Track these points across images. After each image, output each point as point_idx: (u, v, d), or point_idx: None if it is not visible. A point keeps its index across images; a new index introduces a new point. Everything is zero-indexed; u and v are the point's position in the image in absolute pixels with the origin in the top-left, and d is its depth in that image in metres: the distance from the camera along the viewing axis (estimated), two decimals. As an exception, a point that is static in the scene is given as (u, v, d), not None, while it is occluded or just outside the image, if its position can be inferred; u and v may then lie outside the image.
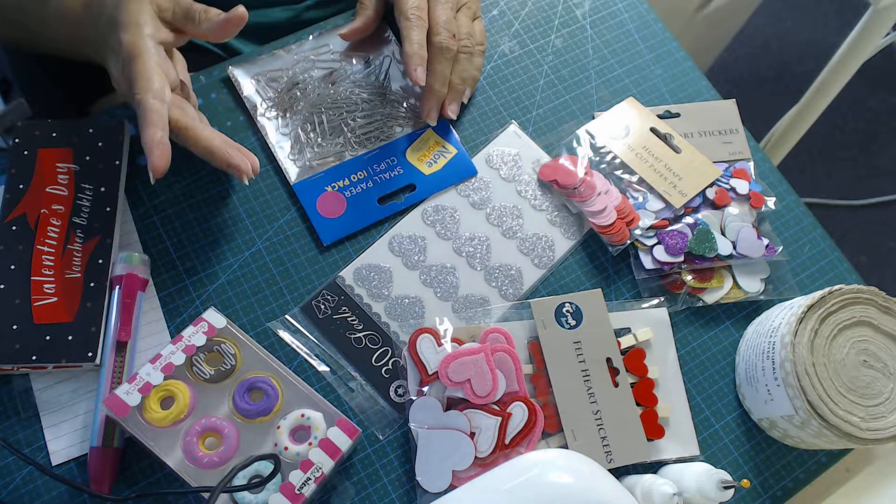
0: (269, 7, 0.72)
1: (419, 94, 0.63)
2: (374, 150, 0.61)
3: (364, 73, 0.64)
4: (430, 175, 0.61)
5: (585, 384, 0.55)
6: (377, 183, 0.60)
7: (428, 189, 0.61)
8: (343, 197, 0.59)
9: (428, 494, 0.51)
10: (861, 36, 0.97)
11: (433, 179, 0.61)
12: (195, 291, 0.56)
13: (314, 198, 0.59)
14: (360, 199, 0.59)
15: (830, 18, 1.90)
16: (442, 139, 0.63)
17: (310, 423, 0.50)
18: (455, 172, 0.62)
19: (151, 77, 0.49)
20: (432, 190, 0.61)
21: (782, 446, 0.58)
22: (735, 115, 0.68)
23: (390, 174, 0.61)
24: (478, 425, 0.52)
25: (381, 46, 0.66)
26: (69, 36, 0.56)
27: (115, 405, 0.49)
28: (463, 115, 0.65)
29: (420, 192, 0.60)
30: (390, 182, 0.60)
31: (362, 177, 0.60)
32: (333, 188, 0.59)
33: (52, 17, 0.56)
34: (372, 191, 0.60)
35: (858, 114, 1.80)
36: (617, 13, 0.72)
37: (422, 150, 0.62)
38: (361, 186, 0.60)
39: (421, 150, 0.62)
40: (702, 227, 0.60)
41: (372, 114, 0.62)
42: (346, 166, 0.60)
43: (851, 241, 1.65)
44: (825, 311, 0.53)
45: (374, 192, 0.60)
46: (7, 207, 0.54)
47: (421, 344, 0.54)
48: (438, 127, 0.63)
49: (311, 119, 0.61)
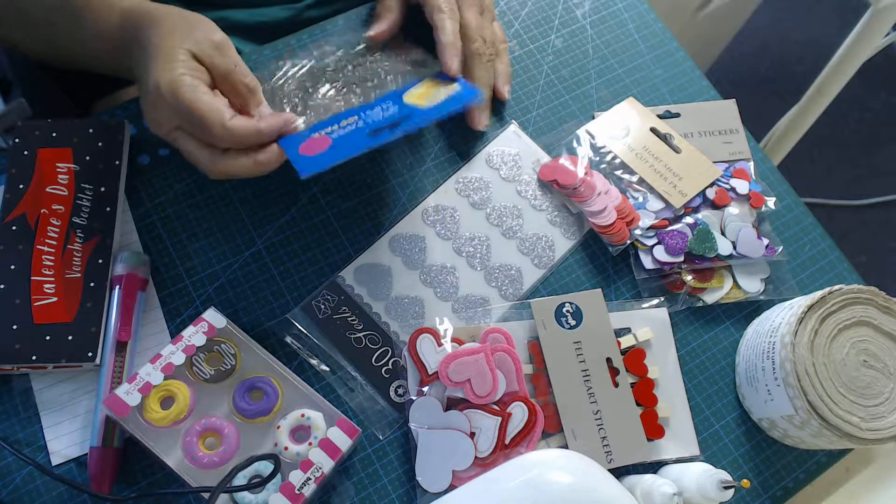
0: (269, 6, 0.72)
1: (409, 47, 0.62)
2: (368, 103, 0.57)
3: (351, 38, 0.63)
4: (431, 107, 0.55)
5: (585, 384, 0.55)
6: (368, 123, 0.54)
7: (426, 117, 0.54)
8: (329, 138, 0.52)
9: (428, 494, 0.51)
10: (861, 36, 0.97)
11: (433, 109, 0.55)
12: (195, 291, 0.56)
13: (297, 144, 0.52)
14: (347, 136, 0.53)
15: (830, 18, 1.90)
16: (442, 80, 0.58)
17: (310, 423, 0.50)
18: (458, 99, 0.56)
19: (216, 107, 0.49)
20: (431, 117, 0.54)
21: (782, 446, 0.58)
22: (735, 115, 0.68)
23: (384, 114, 0.54)
24: (478, 425, 0.52)
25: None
26: (106, 57, 0.56)
27: (115, 405, 0.49)
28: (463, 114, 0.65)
29: (415, 120, 0.53)
30: (383, 120, 0.54)
31: (353, 121, 0.54)
32: (320, 134, 0.53)
33: (87, 37, 0.55)
34: (362, 129, 0.53)
35: (858, 114, 1.80)
36: (617, 13, 0.72)
37: (420, 90, 0.57)
38: (350, 128, 0.53)
39: (419, 91, 0.57)
40: (702, 227, 0.60)
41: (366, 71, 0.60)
42: (338, 116, 0.55)
43: (851, 241, 1.65)
44: (825, 311, 0.53)
45: (364, 129, 0.53)
46: (7, 207, 0.54)
47: (421, 344, 0.54)
48: (437, 74, 0.59)
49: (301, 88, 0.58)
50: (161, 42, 0.50)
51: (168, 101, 0.48)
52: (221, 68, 0.51)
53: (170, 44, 0.50)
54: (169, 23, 0.51)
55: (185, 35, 0.50)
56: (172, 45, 0.50)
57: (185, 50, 0.50)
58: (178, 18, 0.52)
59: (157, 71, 0.49)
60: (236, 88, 0.52)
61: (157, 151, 0.60)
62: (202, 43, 0.51)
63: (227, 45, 0.52)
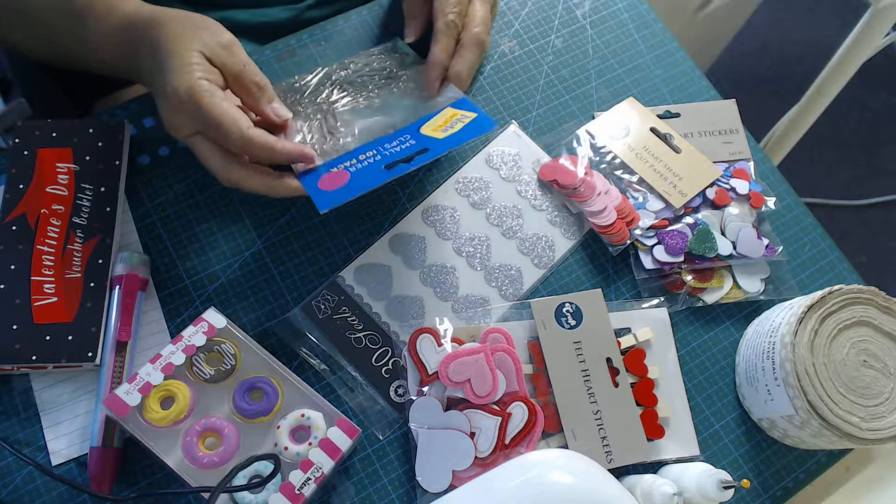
0: (271, 6, 0.72)
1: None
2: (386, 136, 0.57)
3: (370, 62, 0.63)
4: (446, 138, 0.55)
5: (585, 384, 0.55)
6: (385, 156, 0.54)
7: (441, 148, 0.54)
8: (348, 172, 0.53)
9: (428, 494, 0.51)
10: (861, 36, 0.97)
11: (448, 140, 0.55)
12: (195, 291, 0.56)
13: (316, 179, 0.53)
14: (364, 170, 0.53)
15: (830, 18, 1.90)
16: (460, 110, 0.58)
17: (310, 423, 0.50)
18: (473, 129, 0.56)
19: (233, 115, 0.49)
20: (447, 147, 0.54)
21: (782, 446, 0.58)
22: (735, 115, 0.68)
23: (401, 147, 0.55)
24: (478, 425, 0.52)
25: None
26: (109, 58, 0.56)
27: (115, 405, 0.49)
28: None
29: (433, 152, 0.54)
30: (400, 153, 0.54)
31: (371, 155, 0.55)
32: (339, 168, 0.54)
33: (90, 39, 0.55)
34: (379, 162, 0.54)
35: (858, 114, 1.80)
36: (617, 13, 0.72)
37: (438, 123, 0.57)
38: (368, 161, 0.54)
39: (437, 123, 0.57)
40: (702, 227, 0.60)
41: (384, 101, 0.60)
42: (356, 150, 0.56)
43: (851, 241, 1.65)
44: (825, 311, 0.53)
45: (381, 163, 0.54)
46: (7, 207, 0.54)
47: (421, 344, 0.54)
48: (457, 103, 0.60)
49: (318, 115, 0.60)
50: (173, 45, 0.50)
51: (187, 107, 0.49)
52: (232, 68, 0.51)
53: (182, 47, 0.50)
54: (176, 25, 0.51)
55: (195, 37, 0.51)
56: (185, 48, 0.50)
57: (197, 52, 0.50)
58: (185, 21, 0.52)
59: (173, 75, 0.49)
60: (248, 88, 0.52)
61: (157, 151, 0.60)
62: (212, 44, 0.51)
63: (235, 45, 0.52)
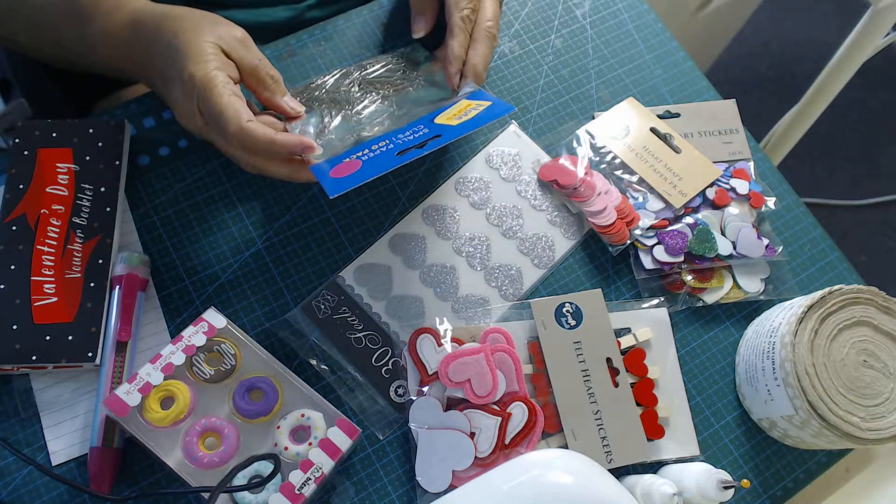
0: (271, 6, 0.72)
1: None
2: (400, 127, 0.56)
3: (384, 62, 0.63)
4: (460, 123, 0.53)
5: (585, 384, 0.55)
6: (398, 145, 0.53)
7: (456, 133, 0.52)
8: (360, 161, 0.52)
9: (428, 494, 0.51)
10: (861, 36, 0.97)
11: (463, 125, 0.53)
12: (195, 291, 0.56)
13: (329, 169, 0.51)
14: (377, 158, 0.52)
15: (830, 18, 1.90)
16: (474, 100, 0.57)
17: (310, 423, 0.50)
18: (490, 114, 0.54)
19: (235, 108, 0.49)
20: (463, 131, 0.52)
21: (782, 446, 0.58)
22: (735, 115, 0.68)
23: (414, 136, 0.53)
24: (478, 425, 0.52)
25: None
26: (115, 56, 0.56)
27: (115, 405, 0.49)
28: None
29: (446, 137, 0.52)
30: (414, 140, 0.53)
31: (384, 144, 0.53)
32: (351, 158, 0.52)
33: (95, 37, 0.55)
34: (391, 150, 0.52)
35: (858, 114, 1.80)
36: (617, 13, 0.72)
37: (452, 112, 0.56)
38: (381, 150, 0.52)
39: (451, 113, 0.56)
40: (702, 227, 0.60)
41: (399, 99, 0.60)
42: (370, 141, 0.54)
43: (851, 241, 1.65)
44: (825, 311, 0.53)
45: (394, 150, 0.52)
46: (7, 207, 0.54)
47: (421, 344, 0.54)
48: (472, 95, 0.58)
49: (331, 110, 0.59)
50: (190, 35, 0.51)
51: (199, 93, 0.49)
52: (249, 62, 0.52)
53: (200, 38, 0.51)
54: (191, 20, 0.52)
55: (211, 31, 0.52)
56: (203, 39, 0.51)
57: (214, 44, 0.51)
58: (199, 16, 0.53)
59: (190, 62, 0.50)
60: (264, 80, 0.53)
61: (157, 151, 0.60)
62: (227, 38, 0.52)
63: (248, 40, 0.54)
